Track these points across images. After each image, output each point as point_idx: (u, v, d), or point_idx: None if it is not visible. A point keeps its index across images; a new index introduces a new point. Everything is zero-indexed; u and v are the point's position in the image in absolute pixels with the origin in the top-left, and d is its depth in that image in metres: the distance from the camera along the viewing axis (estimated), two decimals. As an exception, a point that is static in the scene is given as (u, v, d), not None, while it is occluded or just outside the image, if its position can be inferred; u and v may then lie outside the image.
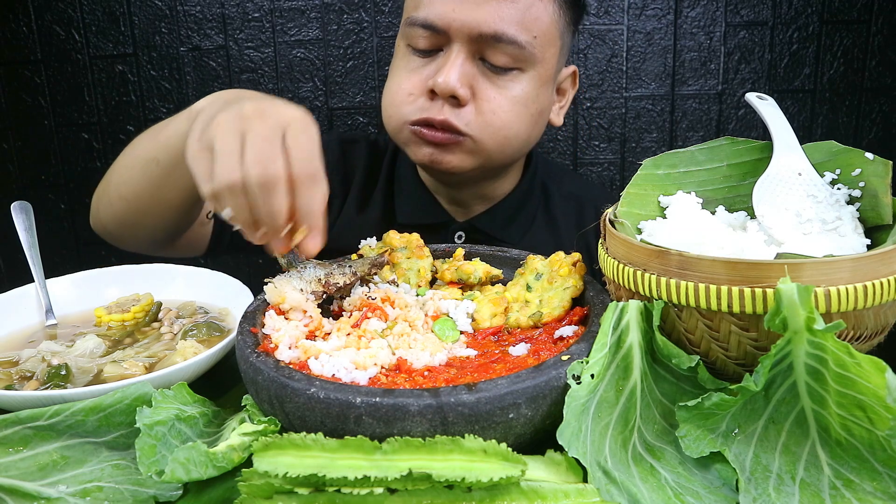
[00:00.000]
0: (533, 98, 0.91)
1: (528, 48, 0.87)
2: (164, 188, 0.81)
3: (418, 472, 0.41)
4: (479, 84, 0.88)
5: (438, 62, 0.88)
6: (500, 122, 0.89)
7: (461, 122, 0.87)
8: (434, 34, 0.87)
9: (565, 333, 0.58)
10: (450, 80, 0.84)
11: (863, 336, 0.50)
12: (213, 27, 1.48)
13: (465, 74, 0.86)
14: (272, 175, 0.57)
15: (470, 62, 0.87)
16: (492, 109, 0.88)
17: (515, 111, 0.90)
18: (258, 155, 0.57)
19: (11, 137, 1.54)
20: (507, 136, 0.90)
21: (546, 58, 0.90)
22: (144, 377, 0.57)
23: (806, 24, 1.46)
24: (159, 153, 0.79)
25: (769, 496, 0.45)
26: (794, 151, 0.63)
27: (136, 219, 0.85)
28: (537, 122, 0.95)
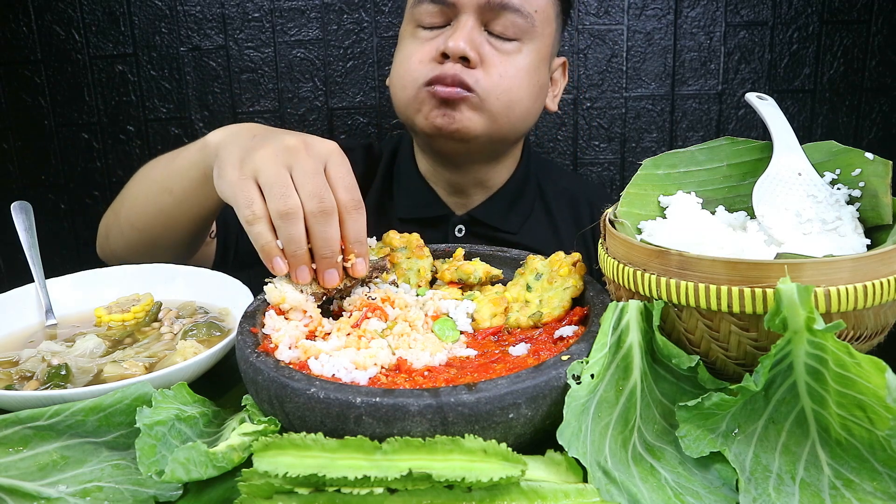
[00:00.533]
0: (534, 69, 0.97)
1: (530, 20, 0.93)
2: (176, 217, 0.84)
3: (418, 472, 0.41)
4: (486, 51, 0.93)
5: (447, 33, 0.93)
6: (507, 84, 0.94)
7: (471, 79, 0.92)
8: (443, 8, 0.93)
9: (565, 333, 0.58)
10: (460, 42, 0.90)
11: (863, 336, 0.50)
12: (213, 27, 1.48)
13: (473, 40, 0.92)
14: (328, 205, 0.60)
15: (477, 31, 0.93)
16: (499, 73, 0.93)
17: (519, 77, 0.95)
18: (312, 188, 0.60)
19: (11, 137, 1.54)
20: (512, 98, 0.95)
21: (544, 35, 0.97)
22: (144, 377, 0.57)
23: (806, 24, 1.46)
24: (172, 183, 0.82)
25: (769, 496, 0.45)
26: (794, 151, 0.63)
27: (147, 247, 0.89)
28: (538, 97, 1.00)
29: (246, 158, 0.63)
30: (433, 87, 0.92)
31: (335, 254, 0.61)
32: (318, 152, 0.63)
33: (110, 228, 0.93)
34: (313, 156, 0.62)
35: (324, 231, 0.60)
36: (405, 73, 0.96)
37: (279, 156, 0.62)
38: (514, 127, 0.99)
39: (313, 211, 0.60)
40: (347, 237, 0.62)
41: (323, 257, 0.61)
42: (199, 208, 0.83)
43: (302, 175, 0.61)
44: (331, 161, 0.63)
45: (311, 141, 0.64)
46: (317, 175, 0.61)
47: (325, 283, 0.62)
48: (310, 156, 0.62)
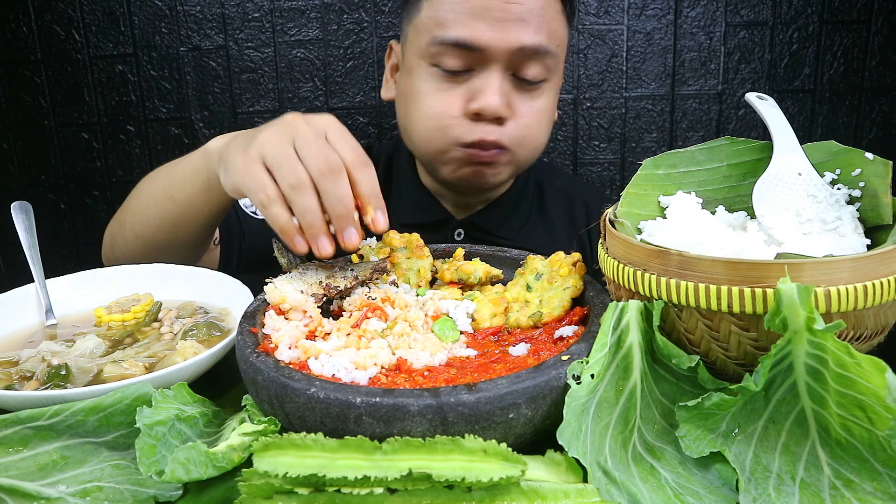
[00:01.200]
0: (552, 107, 0.97)
1: (556, 56, 0.92)
2: (180, 225, 0.85)
3: (418, 472, 0.41)
4: (514, 100, 0.91)
5: (474, 83, 0.90)
6: (534, 135, 0.94)
7: (504, 138, 0.91)
8: (468, 54, 0.88)
9: (565, 333, 0.58)
10: (495, 103, 0.88)
11: (863, 336, 0.50)
12: (213, 27, 1.48)
13: (505, 94, 0.90)
14: (334, 163, 0.60)
15: (507, 80, 0.90)
16: (527, 124, 0.92)
17: (544, 122, 0.95)
18: (315, 151, 0.61)
19: (11, 137, 1.54)
20: (538, 146, 0.97)
21: (561, 65, 0.96)
22: (144, 377, 0.57)
23: (806, 24, 1.46)
24: (175, 192, 0.83)
25: (769, 496, 0.45)
26: (794, 151, 0.63)
27: (152, 255, 0.89)
28: (551, 127, 1.00)
29: (249, 145, 0.64)
30: (471, 150, 0.91)
31: (350, 210, 0.61)
32: (317, 123, 0.64)
33: (115, 239, 0.94)
34: (312, 125, 0.64)
35: (334, 188, 0.60)
36: (434, 127, 0.92)
37: (280, 133, 0.63)
38: (532, 162, 1.01)
39: (321, 171, 0.60)
40: (361, 192, 0.62)
41: (338, 216, 0.61)
42: (203, 215, 0.84)
43: (304, 144, 0.61)
44: (330, 129, 0.64)
45: (308, 116, 0.66)
46: (318, 140, 0.62)
47: (347, 244, 0.61)
48: (309, 126, 0.63)
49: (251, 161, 0.63)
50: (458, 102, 0.90)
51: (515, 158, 0.94)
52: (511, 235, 1.05)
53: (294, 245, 0.61)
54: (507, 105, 0.90)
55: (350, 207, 0.61)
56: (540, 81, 0.92)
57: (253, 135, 0.66)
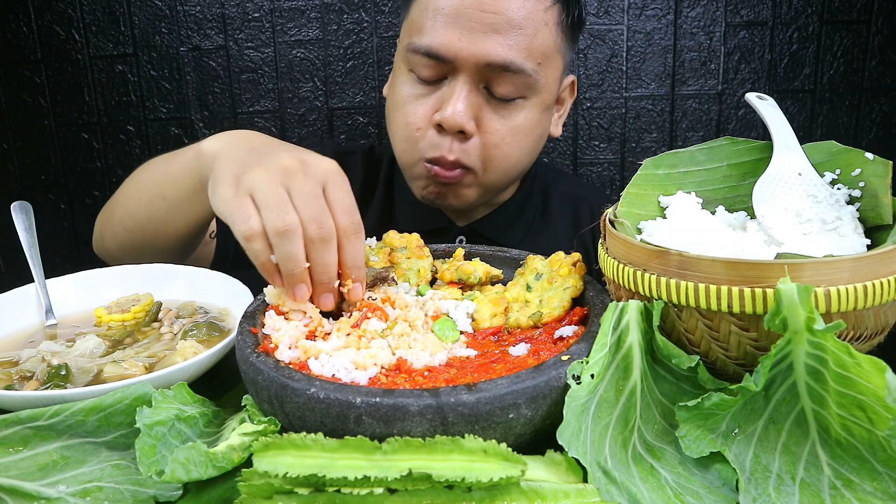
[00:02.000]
0: (535, 125, 0.91)
1: (534, 76, 0.86)
2: (169, 222, 0.83)
3: (418, 472, 0.41)
4: (484, 114, 0.87)
5: (443, 92, 0.87)
6: (503, 154, 0.89)
7: (469, 157, 0.88)
8: (438, 63, 0.85)
9: (565, 333, 0.58)
10: (457, 115, 0.84)
11: (863, 336, 0.50)
12: (213, 27, 1.48)
13: (470, 106, 0.85)
14: (328, 233, 0.58)
15: (475, 93, 0.86)
16: (495, 143, 0.88)
17: (518, 141, 0.90)
18: (312, 212, 0.58)
19: (11, 137, 1.54)
20: (509, 166, 0.91)
21: (549, 82, 0.90)
22: (144, 377, 0.57)
23: (806, 24, 1.46)
24: (166, 189, 0.81)
25: (769, 496, 0.45)
26: (794, 151, 0.63)
27: (141, 248, 0.88)
28: (538, 146, 0.96)
29: (242, 176, 0.61)
30: (432, 167, 0.89)
31: (332, 279, 0.60)
32: (317, 173, 0.61)
33: (104, 228, 0.93)
34: (311, 177, 0.60)
35: (322, 257, 0.59)
36: (405, 137, 0.91)
37: (276, 176, 0.59)
38: (510, 181, 0.97)
39: (312, 237, 0.58)
40: (345, 262, 0.61)
41: (320, 283, 0.60)
42: (194, 215, 0.82)
43: (300, 199, 0.58)
44: (330, 182, 0.61)
45: (309, 160, 0.62)
46: (316, 199, 0.59)
47: (321, 307, 0.61)
48: (308, 177, 0.60)
49: (240, 195, 0.60)
50: (427, 112, 0.88)
51: (481, 180, 0.91)
52: (513, 243, 1.03)
53: (273, 283, 0.60)
54: (472, 119, 0.86)
55: (333, 277, 0.60)
56: (515, 98, 0.87)
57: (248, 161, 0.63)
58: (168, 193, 0.81)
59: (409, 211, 1.04)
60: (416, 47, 0.86)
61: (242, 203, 0.59)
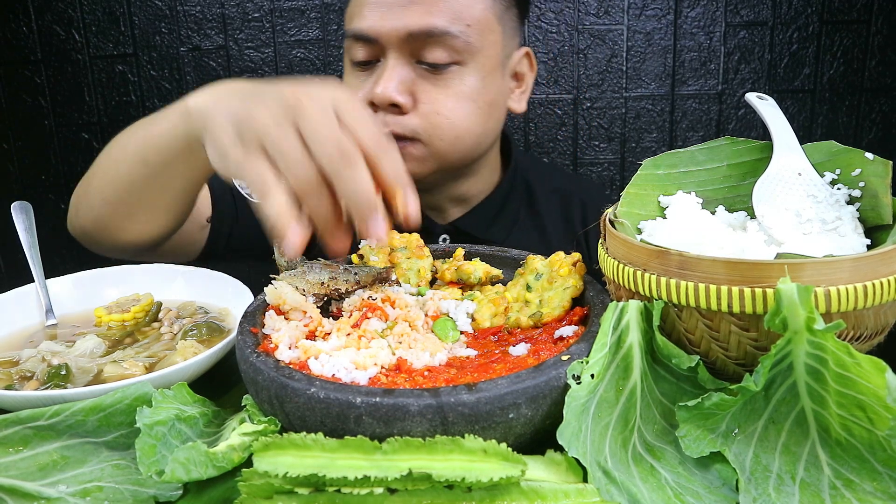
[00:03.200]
0: (479, 90, 0.89)
1: (463, 37, 0.85)
2: (151, 190, 0.77)
3: (418, 472, 0.41)
4: (420, 87, 0.87)
5: (377, 73, 0.88)
6: (447, 121, 0.88)
7: (406, 129, 0.86)
8: (368, 45, 0.87)
9: (565, 333, 0.58)
10: (386, 89, 0.84)
11: (863, 336, 0.50)
12: (213, 27, 1.48)
13: (402, 81, 0.85)
14: (349, 152, 0.52)
15: (408, 67, 0.86)
16: (435, 111, 0.87)
17: (461, 107, 0.88)
18: (325, 137, 0.52)
19: (11, 137, 1.54)
20: (457, 134, 0.89)
21: (486, 46, 0.89)
22: (144, 377, 0.57)
23: (806, 24, 1.46)
24: (147, 153, 0.74)
25: (769, 496, 0.45)
26: (794, 151, 0.63)
27: (118, 222, 0.82)
28: (490, 115, 0.93)
29: (244, 125, 0.55)
30: None
31: (373, 201, 0.53)
32: (324, 98, 0.55)
33: (80, 202, 0.86)
34: (320, 103, 0.54)
35: (352, 178, 0.52)
36: None
37: (281, 113, 0.54)
38: (469, 154, 0.93)
39: (333, 159, 0.52)
40: (385, 177, 0.54)
41: (360, 208, 0.52)
42: (181, 180, 0.75)
43: (311, 128, 0.53)
44: (341, 105, 0.55)
45: (312, 88, 0.56)
46: (328, 122, 0.53)
47: (370, 234, 0.53)
48: (316, 104, 0.54)
49: (249, 149, 0.54)
50: (364, 96, 0.88)
51: (431, 151, 0.88)
52: (499, 239, 1.01)
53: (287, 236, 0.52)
54: (405, 93, 0.85)
55: (372, 198, 0.53)
56: (449, 64, 0.86)
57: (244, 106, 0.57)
58: (151, 157, 0.73)
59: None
60: (349, 33, 0.89)
61: (256, 164, 0.53)
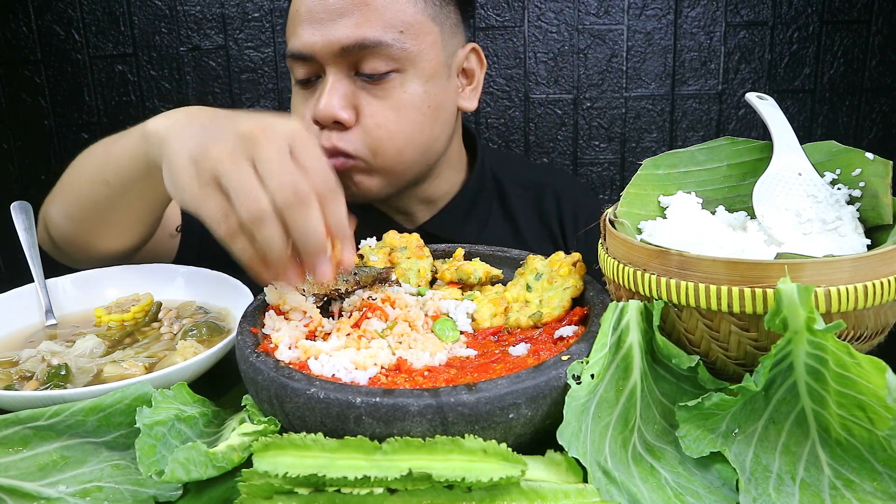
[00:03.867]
0: (421, 97, 0.88)
1: (398, 44, 0.84)
2: (114, 209, 0.78)
3: (418, 472, 0.41)
4: (362, 100, 0.86)
5: (319, 90, 0.87)
6: (388, 133, 0.86)
7: (349, 145, 0.86)
8: (306, 63, 0.86)
9: (565, 333, 0.58)
10: (328, 106, 0.83)
11: (863, 336, 0.50)
12: (213, 27, 1.48)
13: (343, 96, 0.85)
14: (304, 193, 0.53)
15: (347, 80, 0.85)
16: (376, 124, 0.86)
17: (403, 118, 0.87)
18: (280, 177, 0.53)
19: (11, 137, 1.54)
20: (400, 145, 0.88)
21: (423, 50, 0.87)
22: (144, 377, 0.57)
23: (806, 24, 1.46)
24: (108, 175, 0.75)
25: (769, 496, 0.45)
26: (794, 151, 0.63)
27: (84, 237, 0.83)
28: (437, 118, 0.91)
29: (200, 159, 0.55)
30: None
31: (323, 244, 0.54)
32: (280, 135, 0.55)
33: (47, 219, 0.86)
34: (275, 141, 0.55)
35: (304, 221, 0.53)
36: None
37: (237, 148, 0.54)
38: (416, 163, 0.91)
39: (288, 202, 0.52)
40: (328, 224, 0.55)
41: (310, 251, 0.54)
42: (142, 201, 0.76)
43: (266, 165, 0.53)
44: (297, 144, 0.56)
45: (269, 123, 0.56)
46: (283, 161, 0.54)
47: (320, 279, 0.55)
48: (271, 142, 0.54)
49: (204, 185, 0.55)
50: (309, 113, 0.87)
51: (375, 166, 0.87)
52: (471, 238, 0.99)
53: (261, 278, 0.56)
54: (347, 108, 0.84)
55: (322, 240, 0.54)
56: (388, 73, 0.85)
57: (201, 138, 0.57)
58: (111, 179, 0.74)
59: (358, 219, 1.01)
60: (287, 52, 0.89)
61: (209, 196, 0.55)
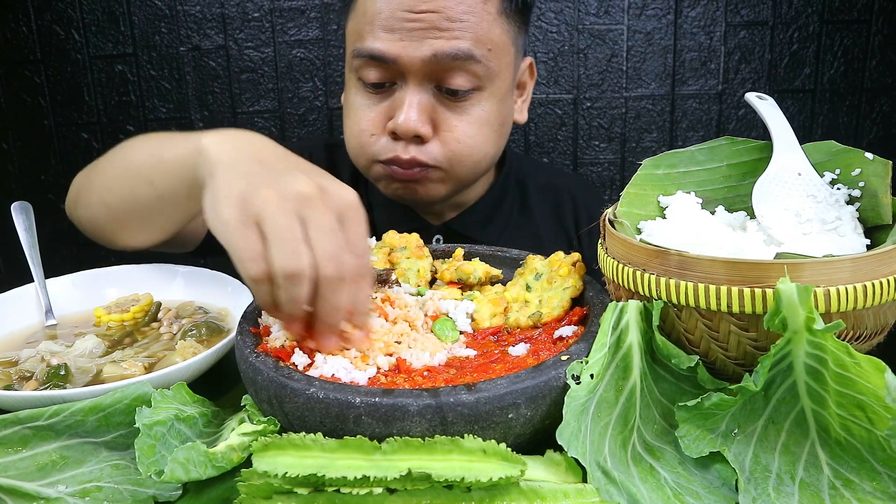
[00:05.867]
0: (495, 115, 0.90)
1: (485, 62, 0.85)
2: (153, 210, 0.77)
3: (418, 472, 0.41)
4: (440, 115, 0.86)
5: (395, 98, 0.86)
6: (467, 148, 0.88)
7: (428, 157, 0.86)
8: (384, 66, 0.84)
9: (565, 333, 0.58)
10: (410, 121, 0.83)
11: (862, 336, 0.50)
12: (212, 27, 1.48)
13: (423, 110, 0.84)
14: (346, 273, 0.53)
15: (427, 94, 0.85)
16: (456, 139, 0.87)
17: (481, 134, 0.88)
18: (329, 249, 0.52)
19: (11, 137, 1.54)
20: (476, 159, 0.90)
21: (502, 69, 0.89)
22: (144, 377, 0.57)
23: (806, 24, 1.46)
24: (156, 177, 0.74)
25: (769, 496, 0.45)
26: (794, 151, 0.63)
27: (114, 227, 0.82)
28: (503, 133, 0.94)
29: (248, 198, 0.54)
30: (391, 167, 0.87)
31: (338, 325, 0.54)
32: (336, 205, 0.54)
33: (80, 195, 0.86)
34: (330, 208, 0.54)
35: (335, 299, 0.52)
36: (357, 147, 0.90)
37: (289, 203, 0.52)
38: (482, 174, 0.95)
39: (329, 276, 0.52)
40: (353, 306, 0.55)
41: (329, 325, 0.54)
42: (182, 210, 0.75)
43: (318, 232, 0.52)
44: (349, 217, 0.55)
45: (328, 188, 0.55)
46: (334, 234, 0.53)
47: (321, 349, 0.54)
48: (327, 209, 0.53)
49: (244, 221, 0.53)
50: (380, 119, 0.87)
51: (450, 176, 0.89)
52: (492, 239, 1.01)
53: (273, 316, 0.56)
54: (427, 121, 0.84)
55: (338, 321, 0.54)
56: (470, 90, 0.85)
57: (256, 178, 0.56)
58: (158, 182, 0.73)
59: (383, 213, 1.02)
60: (360, 52, 0.85)
61: (248, 235, 0.52)
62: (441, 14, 0.82)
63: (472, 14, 0.83)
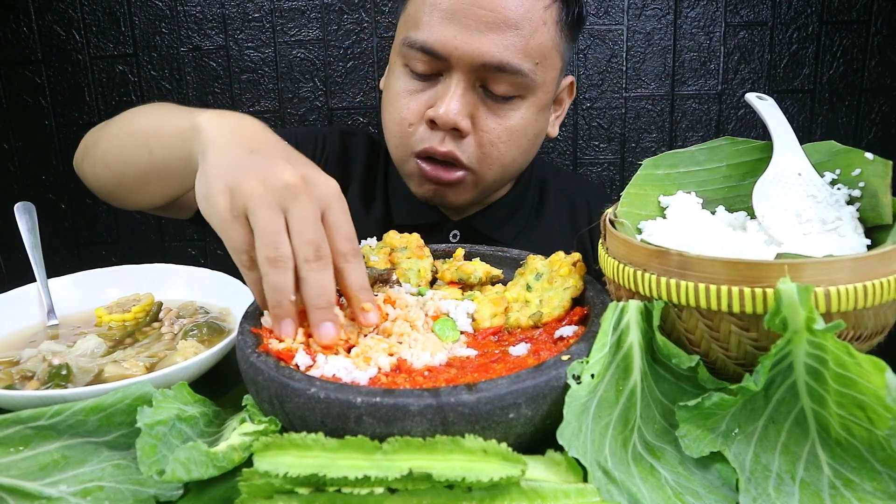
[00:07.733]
0: (531, 124, 0.91)
1: (531, 76, 0.86)
2: (150, 175, 0.80)
3: (418, 472, 0.41)
4: (479, 113, 0.87)
5: (438, 89, 0.87)
6: (499, 153, 0.89)
7: (464, 154, 0.87)
8: (434, 59, 0.85)
9: (565, 333, 0.59)
10: (451, 112, 0.83)
11: (863, 336, 0.50)
12: (213, 27, 1.48)
13: (465, 105, 0.85)
14: (325, 254, 0.55)
15: (471, 91, 0.86)
16: (491, 141, 0.87)
17: (514, 140, 0.89)
18: (308, 236, 0.55)
19: (12, 137, 1.54)
20: (505, 165, 0.91)
21: (546, 82, 0.89)
22: (145, 377, 0.57)
23: (806, 25, 1.46)
24: (154, 145, 0.76)
25: (769, 496, 0.45)
26: (794, 151, 0.63)
27: (114, 188, 0.86)
28: (534, 145, 0.95)
29: (237, 187, 0.56)
30: (424, 164, 0.88)
31: (331, 304, 0.56)
32: (319, 195, 0.57)
33: (86, 153, 0.89)
34: (313, 198, 0.57)
35: (318, 278, 0.55)
36: (395, 137, 0.91)
37: (274, 194, 0.56)
38: (507, 180, 0.97)
39: (307, 258, 0.55)
40: (351, 286, 0.57)
41: (318, 307, 0.55)
42: (176, 181, 0.78)
43: (299, 221, 0.55)
44: (331, 207, 0.58)
45: (312, 178, 0.58)
46: (315, 223, 0.56)
47: (321, 339, 0.55)
48: (310, 199, 0.56)
49: (234, 215, 0.56)
50: (420, 108, 0.87)
51: (479, 180, 0.90)
52: (508, 239, 1.02)
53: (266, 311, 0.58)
54: (467, 117, 0.85)
55: (331, 301, 0.55)
56: (512, 97, 0.87)
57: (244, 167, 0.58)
58: (155, 150, 0.76)
59: (403, 205, 1.02)
60: (412, 42, 0.86)
61: (236, 226, 0.56)
62: (499, 15, 0.82)
63: (530, 20, 0.83)
